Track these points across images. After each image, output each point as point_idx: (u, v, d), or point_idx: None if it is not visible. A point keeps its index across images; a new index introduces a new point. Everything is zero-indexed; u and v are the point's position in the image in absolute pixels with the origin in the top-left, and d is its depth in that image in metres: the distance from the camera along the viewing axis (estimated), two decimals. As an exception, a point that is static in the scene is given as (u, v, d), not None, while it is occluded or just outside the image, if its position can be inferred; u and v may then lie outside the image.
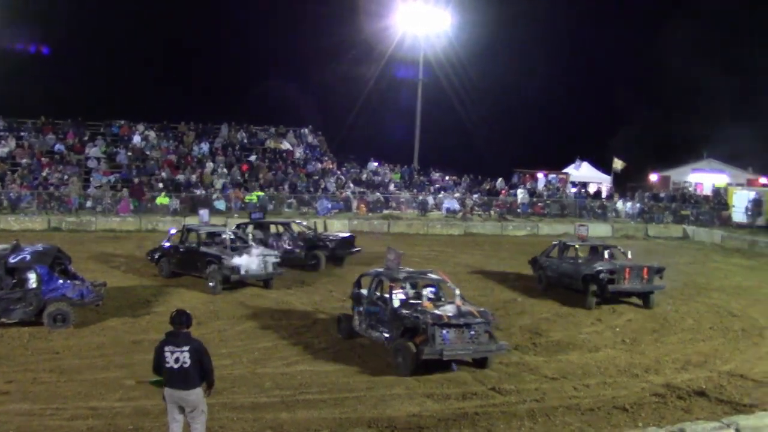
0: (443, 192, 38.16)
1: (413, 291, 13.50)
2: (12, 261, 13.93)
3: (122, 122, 39.33)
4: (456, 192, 38.35)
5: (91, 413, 9.59)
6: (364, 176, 39.02)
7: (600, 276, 17.12)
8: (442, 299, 13.05)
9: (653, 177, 50.25)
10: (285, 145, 40.60)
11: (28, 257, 14.06)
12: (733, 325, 15.88)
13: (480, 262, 24.27)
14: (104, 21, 51.79)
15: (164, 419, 7.90)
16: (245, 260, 17.81)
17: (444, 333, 11.58)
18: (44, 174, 32.59)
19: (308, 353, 12.84)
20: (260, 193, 33.76)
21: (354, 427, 9.39)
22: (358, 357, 12.69)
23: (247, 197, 33.21)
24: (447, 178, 40.95)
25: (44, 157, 34.52)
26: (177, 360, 7.51)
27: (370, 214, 34.08)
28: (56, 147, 35.83)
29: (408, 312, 12.17)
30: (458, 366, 12.19)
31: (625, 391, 11.15)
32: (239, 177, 35.67)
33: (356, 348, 13.16)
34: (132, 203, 31.22)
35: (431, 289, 13.36)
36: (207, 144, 38.86)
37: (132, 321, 14.69)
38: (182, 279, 19.07)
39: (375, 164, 41.03)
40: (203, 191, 33.43)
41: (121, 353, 12.50)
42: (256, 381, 11.18)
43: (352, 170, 39.99)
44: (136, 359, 11.89)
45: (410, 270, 14.25)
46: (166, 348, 7.57)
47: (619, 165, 42.37)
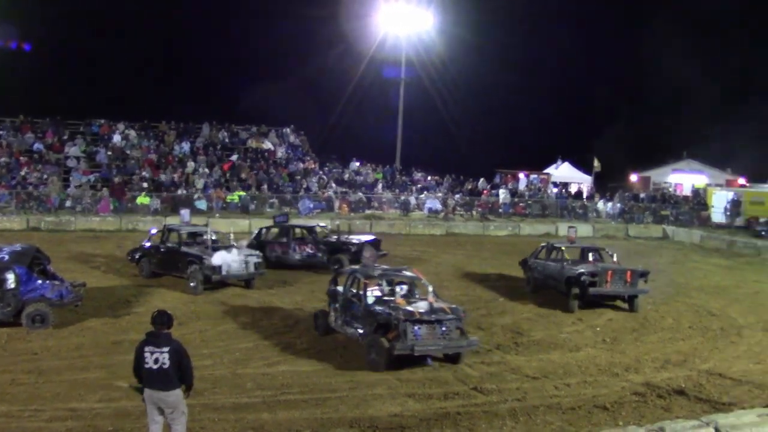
0: (425, 192, 38.21)
1: (389, 288, 13.60)
2: (-10, 261, 13.76)
3: (102, 121, 38.98)
4: (438, 192, 38.44)
5: (71, 414, 9.51)
6: (347, 176, 38.99)
7: (581, 279, 16.88)
8: (417, 296, 13.18)
9: (633, 177, 50.68)
10: (267, 145, 40.45)
11: (6, 257, 13.89)
12: (712, 325, 16.02)
13: (462, 262, 24.33)
14: (84, 19, 51.42)
15: (144, 420, 7.84)
16: (226, 260, 17.74)
17: (416, 329, 11.76)
18: (23, 173, 32.25)
19: (290, 353, 12.80)
20: (242, 193, 33.64)
21: (336, 428, 9.37)
22: (340, 357, 12.68)
23: (229, 197, 33.08)
24: (429, 178, 41.05)
25: (23, 156, 34.16)
26: (156, 361, 7.45)
27: (352, 214, 34.04)
28: (35, 146, 35.45)
29: (381, 308, 12.36)
30: (434, 362, 12.26)
31: (606, 390, 11.20)
32: (221, 177, 35.51)
33: (338, 348, 13.14)
34: (112, 203, 30.99)
35: (405, 287, 13.52)
36: (188, 143, 38.63)
37: (112, 321, 14.57)
38: (163, 279, 18.96)
39: (357, 164, 41.03)
40: (184, 191, 33.25)
41: (101, 354, 12.40)
42: (238, 381, 11.12)
43: (334, 170, 39.95)
44: (116, 360, 11.79)
45: (385, 267, 14.53)
46: (146, 348, 7.51)
47: (598, 166, 42.68)
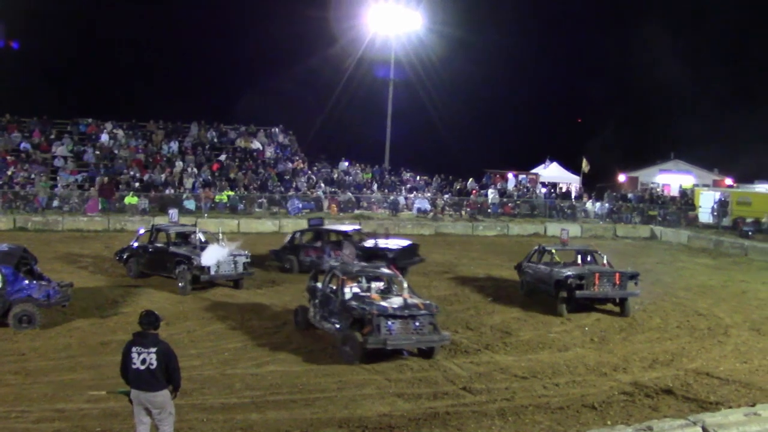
0: (414, 192, 38.25)
1: (367, 285, 13.88)
2: (-24, 261, 13.66)
3: (90, 120, 38.82)
4: (427, 192, 38.48)
5: (58, 415, 9.45)
6: (336, 176, 38.96)
7: (568, 281, 16.56)
8: (394, 292, 13.46)
9: (621, 177, 50.92)
10: (255, 145, 40.38)
11: (-7, 257, 13.81)
12: (699, 324, 16.10)
13: (451, 262, 24.35)
14: (71, 17, 51.11)
15: (132, 421, 7.81)
16: (217, 255, 17.65)
17: (389, 324, 12.14)
18: (9, 173, 32.04)
19: (278, 354, 12.76)
20: (230, 193, 33.56)
21: (325, 428, 9.35)
22: (329, 357, 12.65)
23: (217, 197, 32.99)
24: (418, 178, 41.08)
25: (9, 156, 33.97)
26: (144, 361, 7.41)
27: (342, 214, 34.01)
28: (22, 145, 35.28)
29: (356, 304, 12.67)
30: (426, 361, 12.33)
31: (594, 390, 11.24)
32: (209, 176, 35.40)
33: (327, 348, 13.12)
34: (101, 203, 30.82)
35: (382, 283, 13.91)
36: (176, 143, 38.52)
37: (99, 322, 14.50)
38: (151, 279, 18.88)
39: (346, 164, 41.01)
40: (172, 191, 33.13)
41: (89, 354, 12.33)
42: (226, 382, 11.08)
43: (323, 170, 39.92)
44: (104, 361, 11.73)
45: (364, 264, 14.95)
46: (133, 349, 7.47)
47: (586, 167, 42.84)
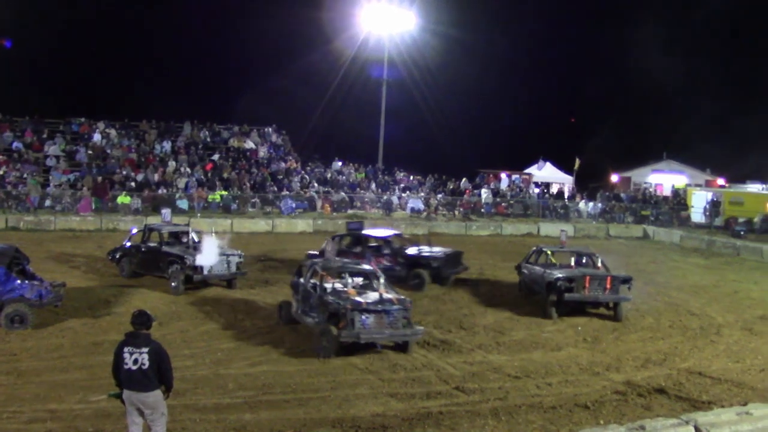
0: (408, 192, 38.25)
1: (351, 280, 14.31)
2: (-32, 261, 13.60)
3: (82, 120, 38.67)
4: (420, 192, 38.49)
5: (50, 416, 9.41)
6: (329, 175, 38.94)
7: (557, 284, 16.19)
8: (374, 288, 13.75)
9: (614, 177, 51.04)
10: (249, 144, 40.32)
11: (-15, 257, 13.75)
12: (692, 324, 16.15)
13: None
14: (64, 16, 50.95)
15: (124, 422, 7.78)
16: (208, 260, 17.64)
17: (363, 318, 12.49)
18: (1, 172, 31.88)
19: (272, 354, 12.75)
20: (224, 193, 33.50)
21: (318, 428, 9.35)
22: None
23: (210, 197, 32.93)
24: (411, 178, 41.07)
25: (1, 155, 33.81)
26: (136, 361, 7.39)
27: (335, 214, 34.02)
28: (14, 145, 35.11)
29: (332, 298, 13.07)
30: (415, 361, 12.36)
31: (587, 389, 11.28)
32: (202, 176, 35.33)
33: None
34: (94, 202, 30.73)
35: (361, 279, 14.39)
36: (169, 142, 38.42)
37: (92, 322, 14.44)
38: (144, 279, 18.82)
39: (339, 164, 40.98)
40: (165, 190, 33.05)
41: (81, 355, 12.29)
42: (219, 382, 11.06)
43: (317, 169, 39.88)
44: (96, 361, 11.69)
45: (346, 261, 15.67)
46: (125, 349, 7.45)
47: (578, 165, 42.96)
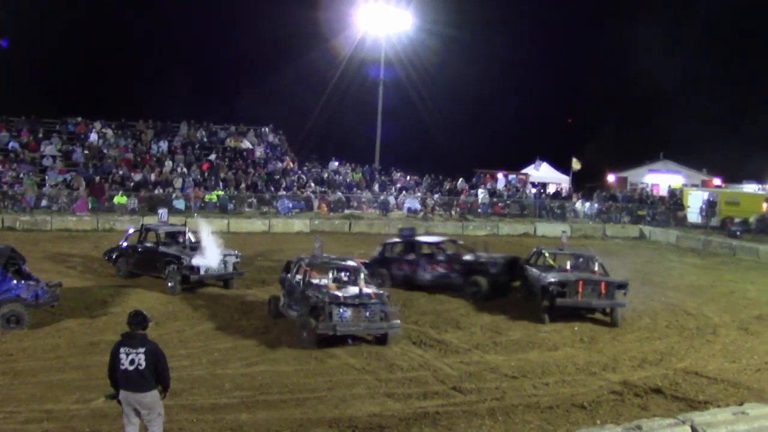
0: (404, 192, 38.24)
1: (338, 275, 14.80)
2: (-36, 261, 13.57)
3: (78, 119, 38.64)
4: (417, 192, 38.48)
5: (47, 416, 9.40)
6: (326, 176, 38.92)
7: (550, 288, 15.78)
8: (359, 283, 14.14)
9: (611, 177, 51.10)
10: (245, 144, 40.31)
11: (-19, 258, 13.71)
12: (688, 324, 16.16)
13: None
14: (60, 15, 50.83)
15: (121, 422, 7.77)
16: (205, 260, 17.62)
17: (341, 311, 12.92)
18: (-3, 172, 31.89)
19: (268, 354, 12.74)
20: (220, 193, 33.48)
21: (315, 428, 9.35)
22: (317, 358, 12.64)
23: (207, 197, 32.90)
24: (408, 178, 41.07)
25: (-3, 155, 33.80)
26: (132, 362, 7.37)
27: (332, 214, 34.02)
28: (10, 145, 35.08)
29: (313, 293, 13.46)
30: (411, 361, 12.38)
31: (584, 389, 11.28)
32: (199, 176, 35.29)
33: (316, 349, 13.10)
34: (91, 202, 30.68)
35: (346, 274, 14.84)
36: (166, 142, 38.38)
37: (88, 322, 14.41)
38: (140, 279, 18.80)
39: (336, 164, 40.97)
40: (162, 190, 33.01)
41: (77, 355, 12.27)
42: (216, 382, 11.05)
43: (314, 169, 39.88)
44: (93, 361, 11.66)
45: (332, 256, 15.80)
46: (122, 349, 7.43)
47: (576, 165, 42.97)
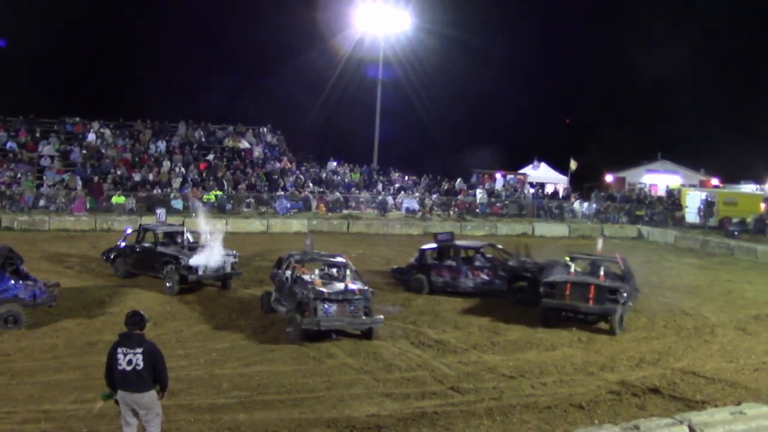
0: (403, 192, 38.24)
1: (326, 272, 15.09)
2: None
3: (76, 119, 38.57)
4: (415, 192, 38.48)
5: (44, 416, 9.40)
6: (324, 176, 38.92)
7: (540, 288, 15.69)
8: (347, 279, 14.37)
9: (609, 178, 51.09)
10: (244, 144, 40.28)
11: (-22, 258, 13.70)
12: (686, 323, 16.18)
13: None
14: (57, 15, 50.70)
15: (119, 422, 7.76)
16: (203, 260, 17.61)
17: (326, 307, 13.33)
18: (-6, 172, 31.84)
19: (266, 354, 12.75)
20: (218, 193, 33.45)
21: (313, 428, 9.35)
22: (315, 358, 12.64)
23: (205, 197, 32.88)
24: (406, 178, 41.05)
25: (-5, 155, 33.75)
26: (130, 362, 7.37)
27: (330, 214, 34.02)
28: (8, 144, 35.01)
29: (299, 289, 13.80)
30: (408, 362, 12.38)
31: (582, 389, 11.29)
32: (197, 176, 35.26)
33: (314, 349, 13.11)
34: (89, 202, 30.65)
35: (335, 270, 15.14)
36: (164, 142, 38.34)
37: (86, 322, 14.42)
38: (138, 279, 18.80)
39: (334, 164, 40.96)
40: (160, 190, 32.99)
41: (75, 355, 12.27)
42: (214, 382, 11.05)
43: (312, 170, 39.86)
44: (90, 361, 11.66)
45: (322, 253, 16.30)
46: (119, 349, 7.43)
47: (574, 165, 43.01)
